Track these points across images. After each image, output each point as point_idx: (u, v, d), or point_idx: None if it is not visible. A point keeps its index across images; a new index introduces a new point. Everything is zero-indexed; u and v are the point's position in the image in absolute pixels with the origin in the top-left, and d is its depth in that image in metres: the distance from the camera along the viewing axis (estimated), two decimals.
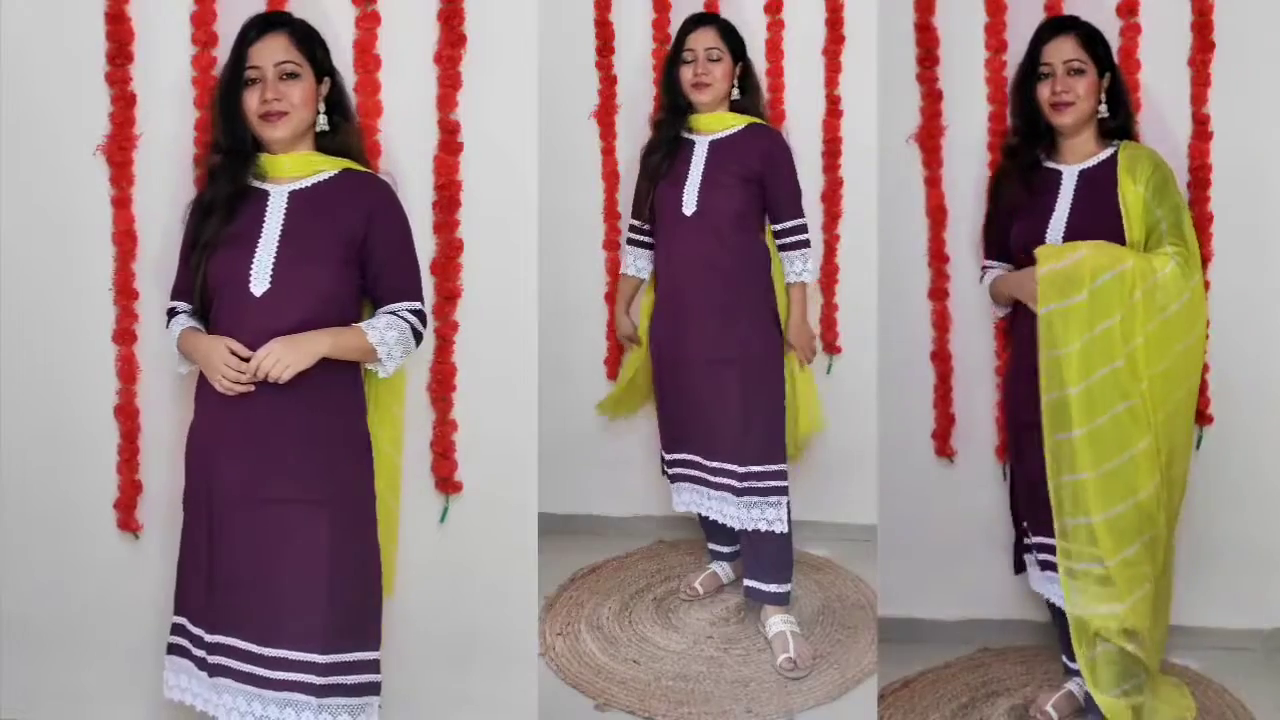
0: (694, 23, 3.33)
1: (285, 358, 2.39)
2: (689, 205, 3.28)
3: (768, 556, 3.28)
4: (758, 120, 3.34)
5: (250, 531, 2.43)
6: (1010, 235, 2.94)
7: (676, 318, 3.33)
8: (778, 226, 3.31)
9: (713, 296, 3.26)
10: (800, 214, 3.32)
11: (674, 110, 3.34)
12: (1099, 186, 2.83)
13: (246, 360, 2.41)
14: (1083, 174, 2.88)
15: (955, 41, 3.20)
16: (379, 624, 2.53)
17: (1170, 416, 2.77)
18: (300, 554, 2.41)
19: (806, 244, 3.32)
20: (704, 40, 3.29)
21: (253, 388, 2.42)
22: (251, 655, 2.42)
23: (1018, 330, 2.94)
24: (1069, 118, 2.84)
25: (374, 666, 2.47)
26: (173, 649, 2.56)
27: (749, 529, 3.25)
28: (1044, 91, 2.85)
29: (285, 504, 2.43)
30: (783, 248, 3.32)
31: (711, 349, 3.26)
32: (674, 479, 3.43)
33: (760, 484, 3.24)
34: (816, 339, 3.50)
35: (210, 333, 2.50)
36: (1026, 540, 3.00)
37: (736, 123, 3.31)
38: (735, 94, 3.32)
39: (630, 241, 3.53)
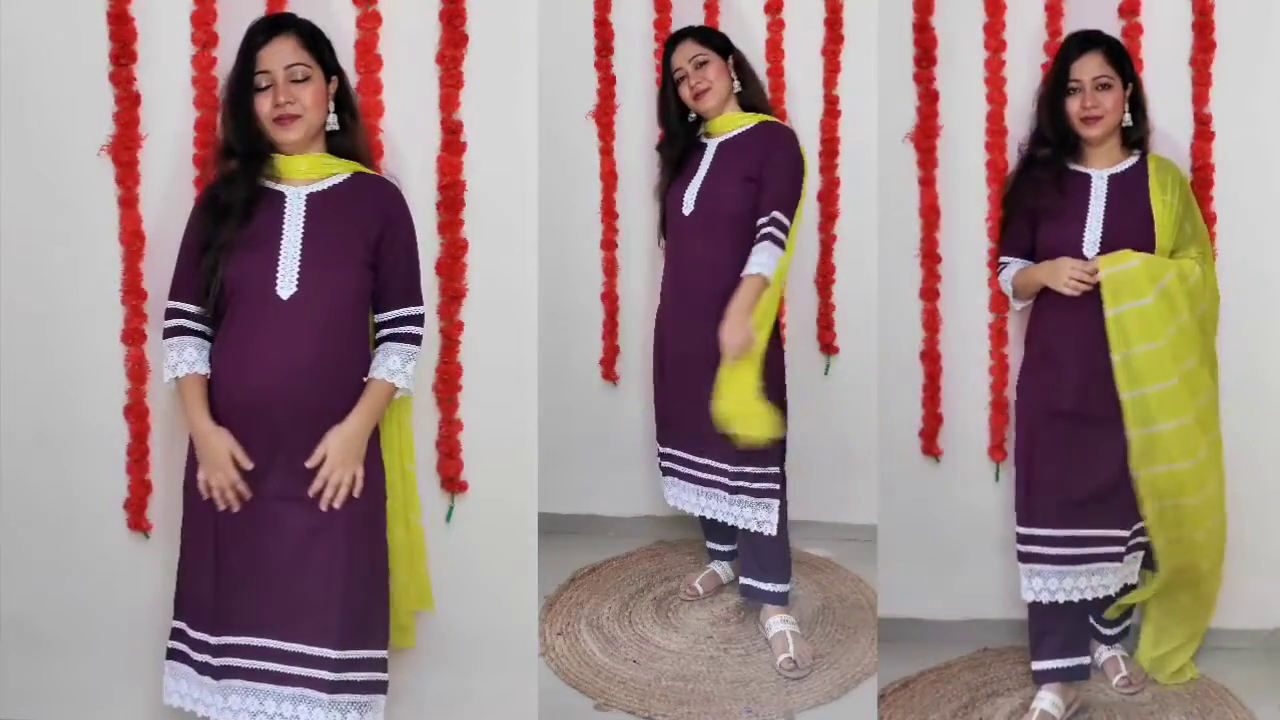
0: (673, 42, 3.35)
1: (345, 484, 2.46)
2: (688, 205, 3.28)
3: (763, 555, 3.28)
4: (769, 119, 3.32)
5: (271, 528, 2.45)
6: (1037, 235, 3.03)
7: (676, 315, 3.35)
8: (758, 220, 3.16)
9: (711, 296, 3.23)
10: (779, 209, 3.13)
11: (674, 136, 3.37)
12: (1129, 192, 2.97)
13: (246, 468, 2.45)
14: (1112, 178, 2.99)
15: (954, 42, 3.20)
16: (387, 624, 2.56)
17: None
18: (322, 551, 2.44)
19: (776, 240, 3.11)
20: (687, 53, 3.30)
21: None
22: (266, 651, 2.43)
23: (1049, 322, 2.99)
24: (1097, 130, 2.96)
25: (382, 665, 2.50)
26: (172, 654, 2.56)
27: (742, 526, 3.25)
28: (1074, 106, 2.96)
29: (306, 502, 2.45)
30: (756, 240, 3.14)
31: (708, 347, 3.24)
32: (664, 472, 3.45)
33: (752, 485, 3.23)
34: (752, 343, 3.10)
35: (228, 335, 2.50)
36: (1045, 533, 2.98)
37: (746, 121, 3.30)
38: (737, 86, 3.32)
39: None
